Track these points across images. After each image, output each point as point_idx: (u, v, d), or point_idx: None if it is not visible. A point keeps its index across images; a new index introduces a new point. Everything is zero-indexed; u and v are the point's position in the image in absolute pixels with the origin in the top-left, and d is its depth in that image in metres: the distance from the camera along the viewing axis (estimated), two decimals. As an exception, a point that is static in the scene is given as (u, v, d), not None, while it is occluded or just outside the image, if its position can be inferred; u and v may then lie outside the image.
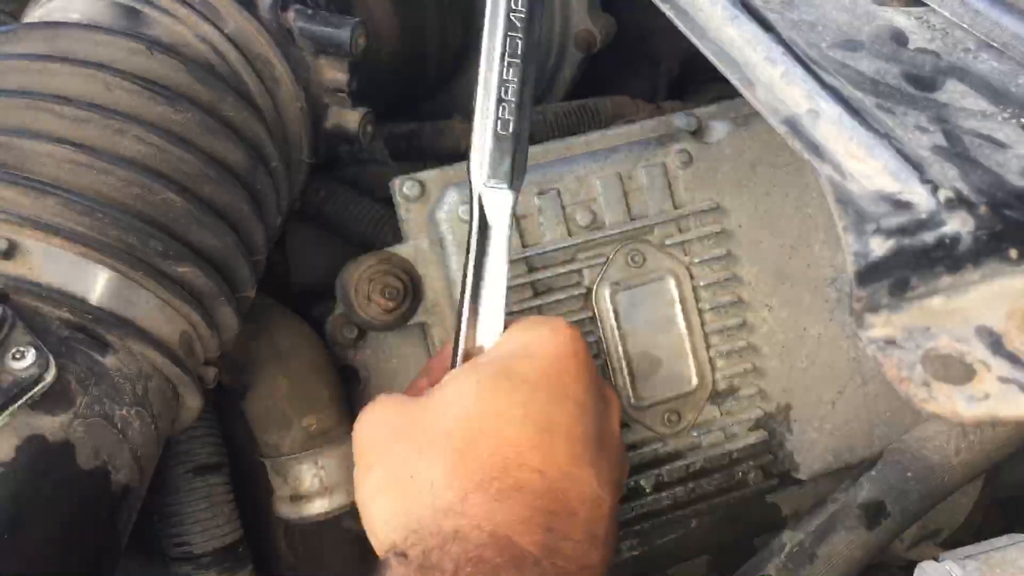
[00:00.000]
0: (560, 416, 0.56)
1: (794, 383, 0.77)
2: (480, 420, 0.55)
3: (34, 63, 0.65)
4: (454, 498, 0.52)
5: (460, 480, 0.53)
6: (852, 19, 0.59)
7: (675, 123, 0.75)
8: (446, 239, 0.71)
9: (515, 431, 0.54)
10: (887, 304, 0.42)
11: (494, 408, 0.55)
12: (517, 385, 0.56)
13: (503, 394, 0.56)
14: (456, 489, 0.52)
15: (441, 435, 0.55)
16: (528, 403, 0.56)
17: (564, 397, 0.57)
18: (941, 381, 0.40)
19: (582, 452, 0.56)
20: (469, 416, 0.55)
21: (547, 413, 0.56)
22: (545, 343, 0.59)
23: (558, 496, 0.53)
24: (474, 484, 0.52)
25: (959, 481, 0.72)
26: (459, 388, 0.57)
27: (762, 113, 0.57)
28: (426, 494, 0.53)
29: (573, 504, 0.54)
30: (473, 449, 0.54)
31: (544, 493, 0.53)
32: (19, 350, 0.55)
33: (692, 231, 0.74)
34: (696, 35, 0.64)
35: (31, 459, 0.55)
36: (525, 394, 0.56)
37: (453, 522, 0.51)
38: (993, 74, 0.53)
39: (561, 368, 0.58)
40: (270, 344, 0.77)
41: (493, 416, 0.55)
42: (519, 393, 0.56)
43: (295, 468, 0.78)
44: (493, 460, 0.53)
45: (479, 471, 0.53)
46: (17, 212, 0.60)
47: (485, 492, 0.52)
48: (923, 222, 0.44)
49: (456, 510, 0.52)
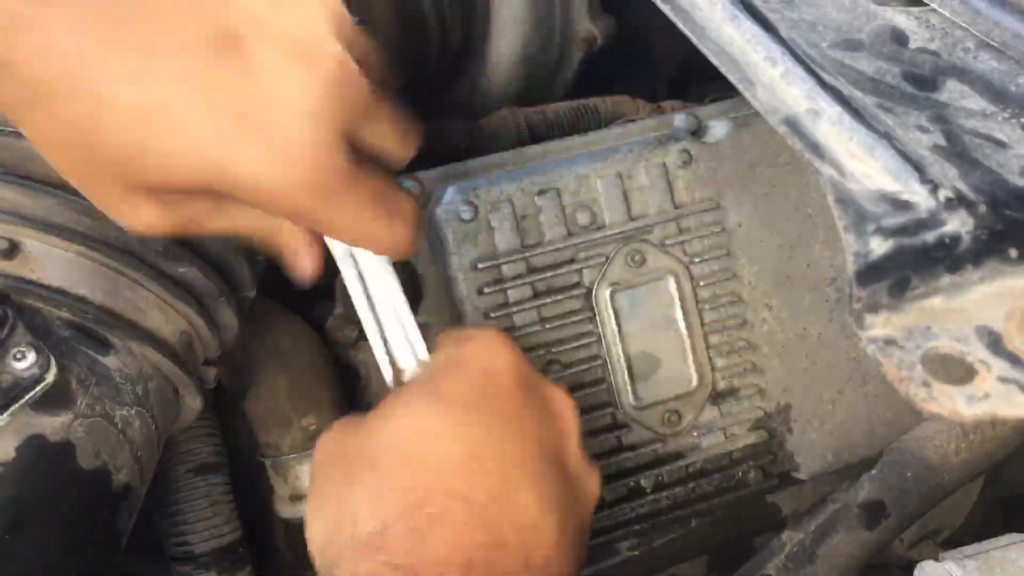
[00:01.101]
0: (490, 437, 0.52)
1: (794, 383, 0.77)
2: (405, 446, 0.52)
3: (34, 63, 0.65)
4: (373, 530, 0.49)
5: (381, 510, 0.50)
6: (852, 19, 0.59)
7: (675, 123, 0.75)
8: (446, 239, 0.71)
9: (440, 457, 0.51)
10: (887, 304, 0.42)
11: (419, 433, 0.52)
12: (445, 407, 0.53)
13: (430, 418, 0.53)
14: (377, 520, 0.49)
15: (367, 462, 0.52)
16: (456, 425, 0.52)
17: (494, 415, 0.53)
18: (941, 381, 0.40)
19: (516, 475, 0.52)
20: (394, 442, 0.52)
21: (475, 436, 0.52)
22: (474, 358, 0.56)
23: (486, 525, 0.49)
24: (394, 515, 0.49)
25: (959, 481, 0.72)
26: (388, 412, 0.54)
27: (762, 113, 0.57)
28: (348, 524, 0.50)
29: (504, 533, 0.50)
30: (395, 477, 0.51)
31: (469, 522, 0.49)
32: (20, 350, 0.55)
33: (692, 231, 0.74)
34: (696, 35, 0.64)
35: (32, 459, 0.55)
36: (453, 416, 0.52)
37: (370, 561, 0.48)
38: (993, 74, 0.53)
39: (492, 384, 0.54)
40: (270, 344, 0.78)
41: (418, 442, 0.52)
42: (446, 416, 0.52)
43: (295, 468, 0.78)
44: (415, 488, 0.50)
45: (400, 501, 0.50)
46: (17, 212, 0.60)
47: (404, 524, 0.49)
48: (923, 222, 0.44)
49: (375, 544, 0.48)
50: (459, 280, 0.72)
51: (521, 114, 0.95)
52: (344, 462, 0.53)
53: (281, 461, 0.78)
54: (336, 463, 0.54)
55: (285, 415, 0.77)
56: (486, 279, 0.72)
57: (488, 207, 0.71)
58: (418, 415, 0.53)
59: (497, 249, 0.72)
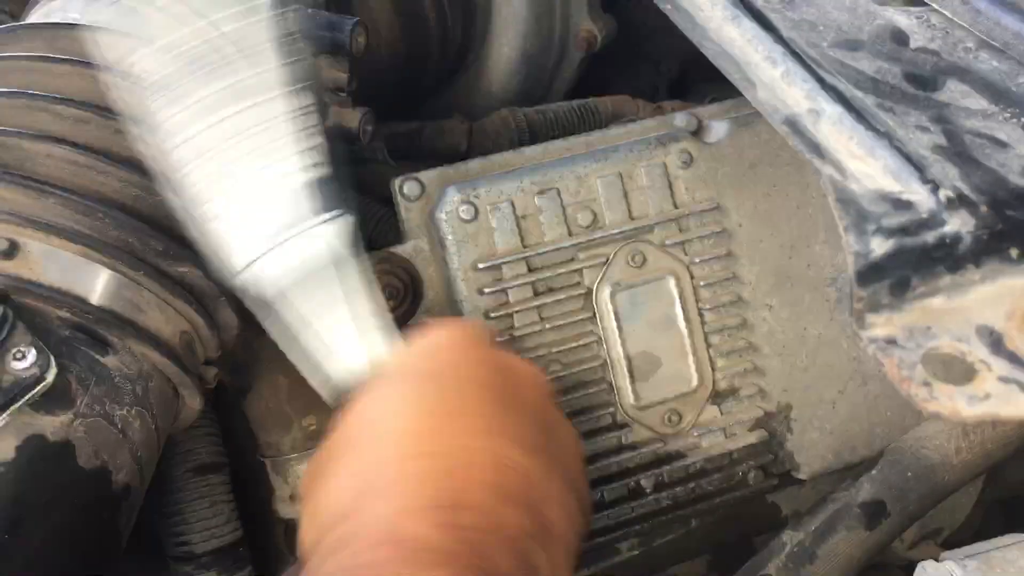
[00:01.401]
0: (459, 398, 0.55)
1: (794, 383, 0.77)
2: (380, 423, 0.54)
3: (34, 63, 0.65)
4: (348, 499, 0.51)
5: (356, 480, 0.52)
6: (853, 18, 0.59)
7: (675, 123, 0.75)
8: (446, 239, 0.71)
9: (411, 423, 0.53)
10: (888, 304, 0.42)
11: (393, 407, 0.55)
12: (417, 382, 0.56)
13: (402, 392, 0.55)
14: (352, 489, 0.51)
15: (343, 441, 0.55)
16: (426, 395, 0.55)
17: (464, 380, 0.56)
18: (942, 381, 0.40)
19: (485, 424, 0.54)
20: (370, 420, 0.55)
21: (445, 400, 0.55)
22: (443, 339, 0.59)
23: (457, 472, 0.51)
24: (368, 483, 0.51)
25: (959, 481, 0.72)
26: (365, 396, 0.56)
27: (762, 113, 0.57)
28: (330, 500, 0.52)
29: (474, 472, 0.51)
30: (370, 450, 0.53)
31: (440, 473, 0.51)
32: (20, 350, 0.55)
33: (692, 231, 0.74)
34: (696, 35, 0.64)
35: (31, 459, 0.55)
36: (423, 387, 0.55)
37: (348, 526, 0.49)
38: (994, 73, 0.53)
39: (460, 357, 0.58)
40: (270, 344, 0.77)
41: (391, 416, 0.54)
42: (418, 389, 0.55)
43: (295, 468, 0.78)
44: (388, 456, 0.52)
45: (374, 469, 0.52)
46: (17, 212, 0.60)
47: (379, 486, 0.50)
48: (924, 222, 0.44)
49: (350, 510, 0.50)
50: (459, 280, 0.72)
51: (521, 114, 0.95)
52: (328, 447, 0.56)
53: (281, 461, 0.77)
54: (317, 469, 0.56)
55: (285, 415, 0.77)
56: (486, 279, 0.72)
57: (488, 207, 0.71)
58: (393, 394, 0.56)
59: (497, 249, 0.72)
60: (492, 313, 0.72)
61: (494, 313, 0.72)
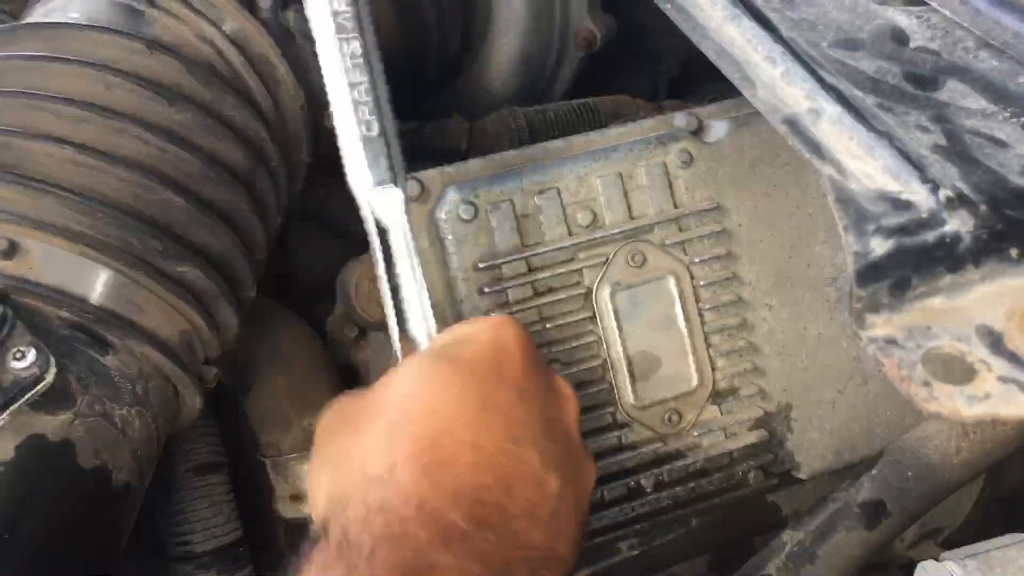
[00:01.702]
0: (498, 397, 0.55)
1: (794, 383, 0.77)
2: (415, 400, 0.55)
3: (34, 63, 0.65)
4: (382, 469, 0.51)
5: (389, 452, 0.52)
6: (852, 18, 0.59)
7: (675, 123, 0.75)
8: (446, 239, 0.71)
9: (450, 408, 0.54)
10: (888, 304, 0.42)
11: (429, 388, 0.55)
12: (455, 367, 0.56)
13: (440, 375, 0.55)
14: (385, 461, 0.51)
15: (377, 415, 0.55)
16: (465, 383, 0.55)
17: (503, 381, 0.56)
18: (942, 381, 0.40)
19: (522, 433, 0.54)
20: (405, 396, 0.55)
21: (484, 393, 0.55)
22: (486, 333, 0.59)
23: (493, 470, 0.52)
24: (402, 456, 0.51)
25: (959, 480, 0.72)
26: (398, 373, 0.57)
27: (762, 112, 0.57)
28: (357, 468, 0.52)
29: (510, 479, 0.52)
30: (405, 425, 0.53)
31: (477, 466, 0.51)
32: (20, 350, 0.55)
33: (692, 231, 0.74)
34: (696, 35, 0.64)
35: (31, 459, 0.55)
36: (462, 375, 0.55)
37: (379, 493, 0.50)
38: (993, 73, 0.53)
39: (502, 356, 0.57)
40: (270, 344, 0.78)
41: (428, 395, 0.55)
42: (457, 375, 0.55)
43: (295, 468, 0.78)
44: (424, 434, 0.52)
45: (409, 443, 0.52)
46: (17, 212, 0.60)
47: (414, 463, 0.51)
48: (924, 221, 0.44)
49: (383, 479, 0.50)
50: (459, 280, 0.72)
51: (521, 114, 0.95)
52: (349, 420, 0.56)
53: (281, 461, 0.78)
54: (341, 423, 0.57)
55: (285, 415, 0.77)
56: (486, 279, 0.72)
57: (488, 207, 0.71)
58: (428, 371, 0.56)
59: (497, 249, 0.72)
60: (492, 313, 0.72)
61: (494, 313, 0.72)
